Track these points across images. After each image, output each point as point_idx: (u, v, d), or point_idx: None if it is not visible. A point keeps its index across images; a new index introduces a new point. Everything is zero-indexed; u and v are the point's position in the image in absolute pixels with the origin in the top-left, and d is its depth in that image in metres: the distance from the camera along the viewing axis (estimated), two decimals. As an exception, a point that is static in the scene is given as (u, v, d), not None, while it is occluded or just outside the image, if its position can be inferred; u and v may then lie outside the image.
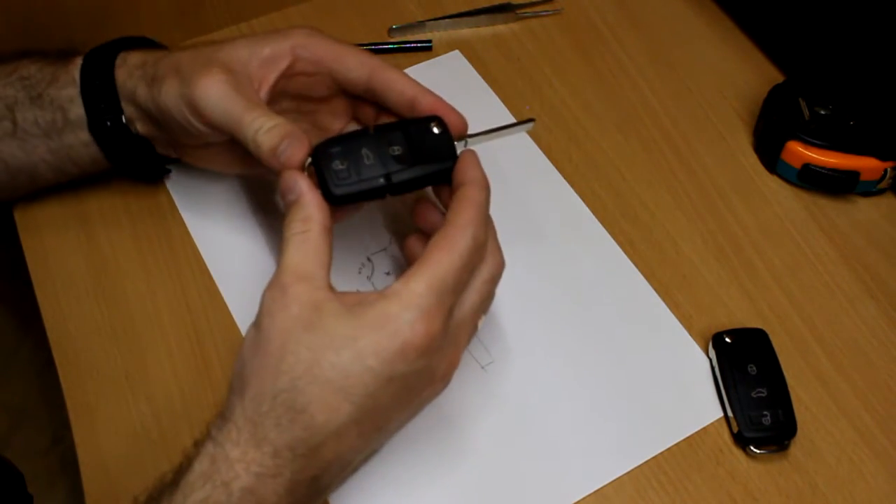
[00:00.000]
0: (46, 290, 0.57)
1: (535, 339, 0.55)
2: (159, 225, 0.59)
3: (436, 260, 0.41)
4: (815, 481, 0.50)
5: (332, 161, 0.44)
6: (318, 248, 0.43)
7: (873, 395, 0.53)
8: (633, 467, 0.50)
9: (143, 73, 0.52)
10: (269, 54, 0.50)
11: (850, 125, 0.60)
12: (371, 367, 0.40)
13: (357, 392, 0.40)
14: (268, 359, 0.41)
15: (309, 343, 0.40)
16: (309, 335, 0.40)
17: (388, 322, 0.40)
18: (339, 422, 0.40)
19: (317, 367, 0.40)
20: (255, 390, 0.41)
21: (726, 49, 0.70)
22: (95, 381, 0.53)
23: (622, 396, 0.53)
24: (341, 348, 0.40)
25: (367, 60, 0.50)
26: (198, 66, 0.49)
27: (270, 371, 0.40)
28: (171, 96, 0.49)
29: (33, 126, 0.53)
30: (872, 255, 0.59)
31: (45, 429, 0.97)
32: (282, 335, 0.41)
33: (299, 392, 0.40)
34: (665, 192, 0.62)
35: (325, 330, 0.40)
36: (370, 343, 0.40)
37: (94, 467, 0.50)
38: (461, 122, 0.49)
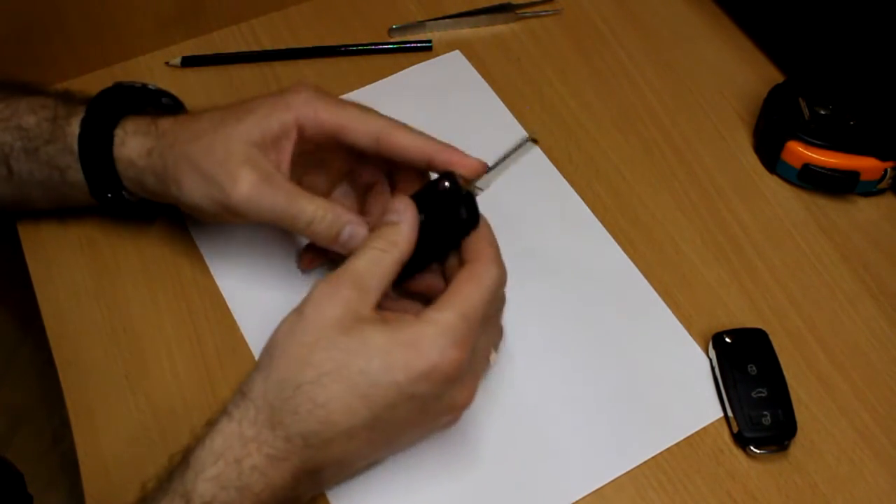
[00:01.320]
0: (46, 291, 0.57)
1: (535, 338, 0.55)
2: (159, 225, 0.59)
3: (466, 293, 0.43)
4: (815, 481, 0.50)
5: None
6: (387, 271, 0.44)
7: (873, 395, 0.53)
8: (633, 467, 0.50)
9: (148, 164, 0.51)
10: (279, 130, 0.50)
11: (850, 125, 0.60)
12: (397, 382, 0.41)
13: (378, 401, 0.41)
14: (301, 349, 0.42)
15: (344, 345, 0.42)
16: (345, 338, 0.42)
17: (422, 343, 0.42)
18: (353, 424, 0.41)
19: (346, 368, 0.41)
20: (282, 375, 0.42)
21: (726, 49, 0.70)
22: (95, 381, 0.53)
23: (622, 396, 0.52)
24: (373, 357, 0.41)
25: (373, 127, 0.50)
26: (220, 167, 0.48)
27: (300, 361, 0.42)
28: (200, 197, 0.49)
29: (29, 175, 0.53)
30: (872, 255, 0.59)
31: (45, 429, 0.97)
32: (320, 330, 0.42)
33: (323, 387, 0.41)
34: (665, 192, 0.62)
35: (362, 338, 0.42)
36: (401, 359, 0.41)
37: (94, 467, 0.50)
38: (478, 167, 0.49)
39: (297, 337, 0.42)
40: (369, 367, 0.41)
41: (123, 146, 0.51)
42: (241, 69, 0.68)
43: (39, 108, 0.53)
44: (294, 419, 0.41)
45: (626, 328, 0.55)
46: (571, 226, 0.60)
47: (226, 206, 0.49)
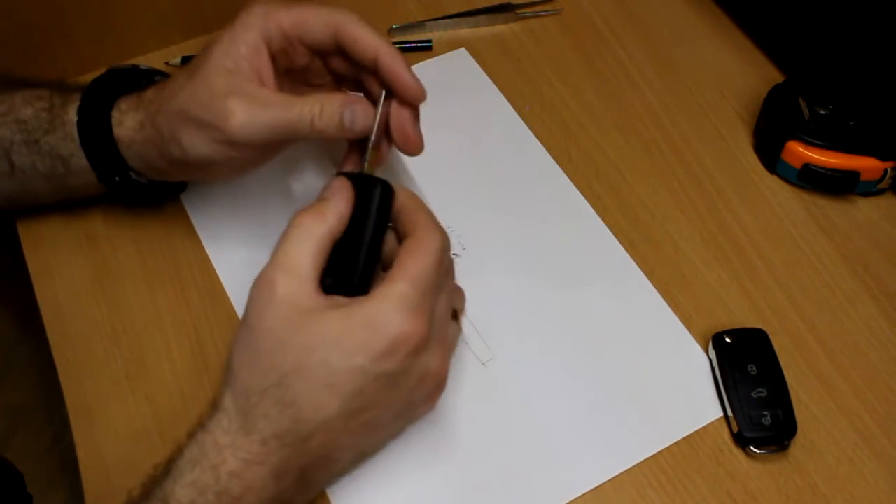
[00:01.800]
0: (46, 290, 0.57)
1: (535, 336, 0.55)
2: (159, 224, 0.59)
3: (413, 261, 0.43)
4: (815, 481, 0.50)
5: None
6: (317, 246, 0.43)
7: (873, 395, 0.53)
8: (633, 465, 0.50)
9: (145, 136, 0.51)
10: (248, 51, 0.49)
11: (850, 125, 0.60)
12: (360, 365, 0.41)
13: (345, 389, 0.41)
14: (256, 356, 0.42)
15: (298, 342, 0.41)
16: (298, 336, 0.41)
17: (377, 321, 0.41)
18: (326, 416, 0.41)
19: (305, 366, 0.41)
20: (245, 383, 0.42)
21: (726, 49, 0.70)
22: (95, 381, 0.53)
23: (622, 395, 0.53)
24: (330, 347, 0.41)
25: (330, 19, 0.49)
26: (208, 108, 0.48)
27: (259, 368, 0.42)
28: (202, 145, 0.49)
29: (32, 168, 0.53)
30: (872, 255, 0.59)
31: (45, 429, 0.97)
32: (270, 334, 0.42)
33: (287, 388, 0.41)
34: (665, 192, 0.62)
35: (315, 331, 0.41)
36: (359, 342, 0.41)
37: (94, 467, 0.50)
38: (417, 91, 0.49)
39: (251, 345, 0.42)
40: (329, 357, 0.41)
41: (121, 126, 0.51)
42: (241, 69, 0.68)
43: (35, 99, 0.53)
44: (266, 422, 0.41)
45: (626, 328, 0.55)
46: (573, 224, 0.60)
47: (228, 141, 0.48)
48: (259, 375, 0.42)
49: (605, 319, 0.56)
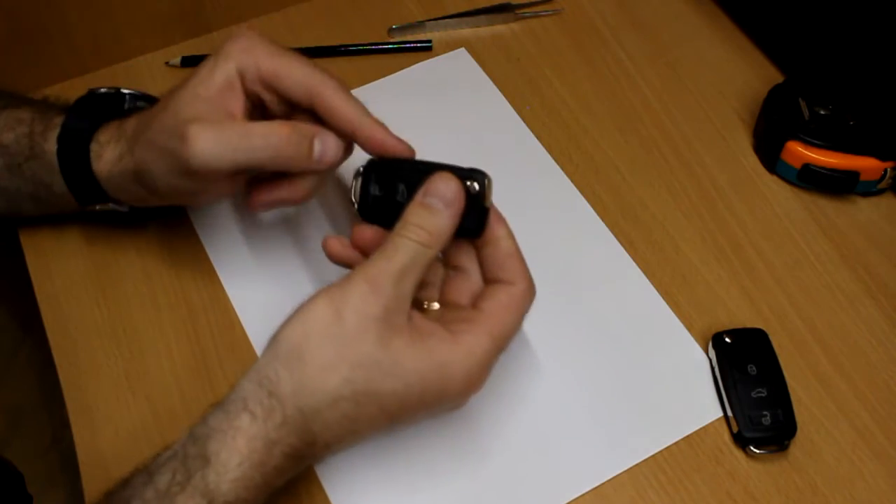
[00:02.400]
0: (46, 291, 0.57)
1: (535, 336, 0.55)
2: (159, 224, 0.59)
3: (507, 318, 0.43)
4: (815, 481, 0.50)
5: (370, 184, 0.46)
6: (423, 270, 0.42)
7: (873, 395, 0.53)
8: (632, 465, 0.50)
9: (122, 169, 0.50)
10: (222, 82, 0.47)
11: (850, 125, 0.60)
12: (425, 403, 0.42)
13: (403, 416, 0.42)
14: (338, 359, 0.40)
15: (381, 364, 0.41)
16: (382, 354, 0.41)
17: (455, 370, 0.41)
18: (375, 432, 0.42)
19: (380, 389, 0.41)
20: (316, 384, 0.40)
21: (726, 49, 0.70)
22: (95, 381, 0.53)
23: (622, 395, 0.53)
24: (408, 383, 0.41)
25: (309, 81, 0.48)
26: (170, 135, 0.46)
27: (337, 373, 0.40)
28: (166, 175, 0.47)
29: (17, 191, 0.53)
30: (872, 255, 0.59)
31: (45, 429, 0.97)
32: (358, 340, 0.40)
33: (358, 405, 0.41)
34: (665, 192, 0.62)
35: (396, 357, 0.41)
36: (434, 387, 0.41)
37: (94, 467, 0.50)
38: (406, 151, 0.48)
39: (333, 343, 0.40)
40: (404, 392, 0.41)
41: (100, 160, 0.51)
42: (241, 69, 0.68)
43: (16, 123, 0.52)
44: (323, 428, 0.41)
45: (626, 328, 0.55)
46: (573, 224, 0.60)
47: (187, 169, 0.46)
48: (336, 382, 0.40)
49: (605, 319, 0.56)
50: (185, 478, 0.40)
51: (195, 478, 0.39)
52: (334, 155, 0.48)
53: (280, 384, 0.40)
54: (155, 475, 0.40)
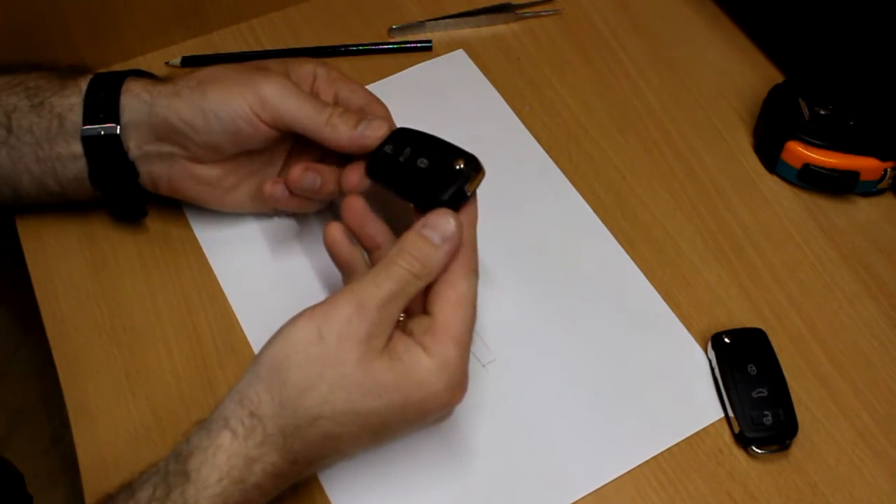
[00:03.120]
0: (46, 291, 0.57)
1: (535, 337, 0.55)
2: (159, 224, 0.59)
3: (459, 320, 0.43)
4: (815, 481, 0.50)
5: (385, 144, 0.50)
6: (409, 299, 0.43)
7: (873, 395, 0.53)
8: (633, 467, 0.50)
9: (161, 90, 0.52)
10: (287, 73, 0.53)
11: (850, 125, 0.60)
12: (408, 420, 0.43)
13: (387, 433, 0.43)
14: (318, 380, 0.41)
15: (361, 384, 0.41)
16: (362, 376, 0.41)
17: (432, 385, 0.42)
18: (358, 448, 0.44)
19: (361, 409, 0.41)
20: (296, 403, 0.41)
21: (726, 49, 0.70)
22: (95, 381, 0.53)
23: (622, 396, 0.53)
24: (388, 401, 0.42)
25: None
26: (251, 75, 0.51)
27: (317, 393, 0.41)
28: (226, 99, 0.50)
29: (27, 133, 0.53)
30: (872, 255, 0.59)
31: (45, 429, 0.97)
32: (339, 362, 0.41)
33: (339, 425, 0.41)
34: (665, 192, 0.62)
35: (375, 377, 0.41)
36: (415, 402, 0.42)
37: (94, 467, 0.50)
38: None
39: (314, 363, 0.41)
40: (386, 410, 0.42)
41: (136, 84, 0.52)
42: (241, 69, 0.68)
43: (50, 72, 0.54)
44: (304, 447, 0.41)
45: (626, 328, 0.55)
46: (573, 225, 0.60)
47: (258, 98, 0.50)
48: (316, 401, 0.41)
49: (605, 320, 0.56)
50: (164, 493, 0.40)
51: (174, 493, 0.40)
52: (376, 133, 0.50)
53: (261, 404, 0.41)
54: (137, 491, 0.41)
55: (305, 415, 0.41)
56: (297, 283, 0.56)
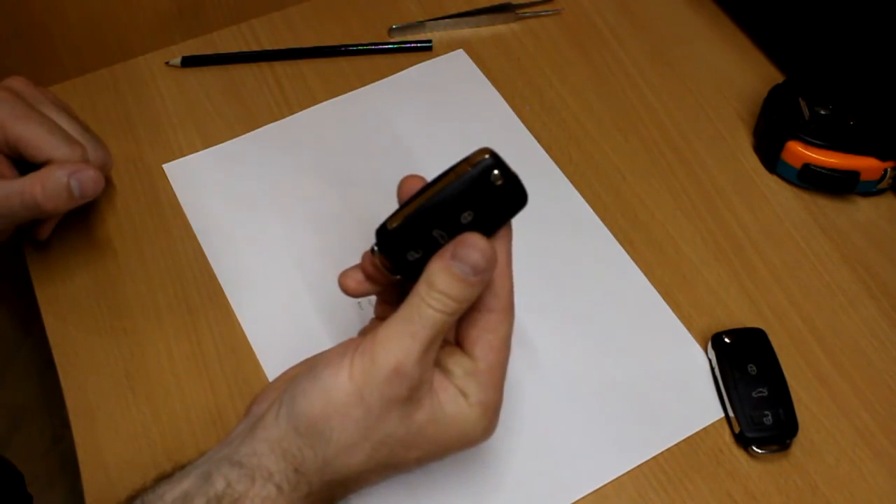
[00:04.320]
0: (46, 290, 0.57)
1: (535, 337, 0.55)
2: (160, 224, 0.60)
3: (500, 365, 0.42)
4: (815, 481, 0.50)
5: (405, 253, 0.41)
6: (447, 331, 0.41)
7: (873, 395, 0.53)
8: (633, 467, 0.50)
9: None
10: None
11: (850, 125, 0.60)
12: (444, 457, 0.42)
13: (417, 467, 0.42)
14: (360, 437, 0.40)
15: (403, 438, 0.40)
16: (404, 429, 0.40)
17: (472, 431, 0.42)
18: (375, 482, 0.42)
19: (403, 460, 0.41)
20: (342, 460, 0.40)
21: (726, 49, 0.70)
22: (95, 381, 0.53)
23: (622, 396, 0.52)
24: (430, 450, 0.41)
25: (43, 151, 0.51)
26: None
27: (361, 451, 0.40)
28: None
29: None
30: (872, 255, 0.59)
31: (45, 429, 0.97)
32: (381, 419, 0.40)
33: (379, 475, 0.41)
34: (665, 192, 0.62)
35: (415, 427, 0.40)
36: (455, 447, 0.42)
37: (94, 467, 0.50)
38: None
39: (357, 424, 0.39)
40: (428, 457, 0.42)
41: None
42: (241, 69, 0.68)
43: None
44: (346, 492, 0.42)
45: (626, 328, 0.55)
46: (573, 224, 0.60)
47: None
48: (360, 459, 0.40)
49: (605, 320, 0.56)
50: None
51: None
52: (95, 184, 0.51)
53: (305, 462, 0.40)
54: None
55: (351, 471, 0.40)
56: (296, 284, 0.56)
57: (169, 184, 0.62)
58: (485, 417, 0.41)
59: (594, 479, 0.50)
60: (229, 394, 0.53)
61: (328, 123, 0.65)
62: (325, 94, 0.67)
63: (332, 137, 0.64)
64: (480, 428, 0.42)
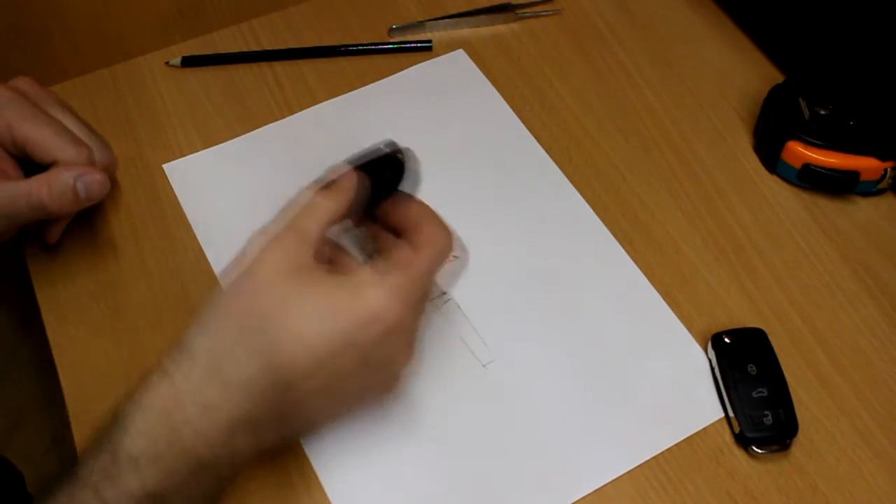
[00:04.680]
0: (46, 291, 0.57)
1: (535, 337, 0.55)
2: (160, 224, 0.59)
3: (420, 259, 0.44)
4: (815, 481, 0.50)
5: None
6: (323, 219, 0.44)
7: (873, 395, 0.53)
8: (633, 467, 0.50)
9: None
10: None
11: (850, 125, 0.60)
12: (341, 328, 0.42)
13: (320, 348, 0.41)
14: (245, 299, 0.42)
15: (288, 291, 0.42)
16: (289, 285, 0.42)
17: (366, 292, 0.42)
18: (294, 370, 0.41)
19: (290, 314, 0.41)
20: (223, 324, 0.42)
21: (726, 49, 0.70)
22: (95, 381, 0.53)
23: (622, 396, 0.52)
24: (318, 303, 0.42)
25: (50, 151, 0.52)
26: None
27: (243, 310, 0.42)
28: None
29: None
30: (872, 255, 0.59)
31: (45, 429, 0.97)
32: (264, 281, 0.42)
33: (265, 333, 0.41)
34: (665, 192, 0.62)
35: (306, 283, 0.42)
36: (345, 305, 0.42)
37: (95, 467, 0.50)
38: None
39: (242, 289, 0.42)
40: (315, 312, 0.41)
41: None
42: (241, 69, 0.68)
43: None
44: (233, 367, 0.41)
45: (626, 328, 0.55)
46: (573, 225, 0.60)
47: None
48: (243, 317, 0.42)
49: (605, 320, 0.56)
50: (96, 442, 0.41)
51: (103, 440, 0.41)
52: (100, 189, 0.52)
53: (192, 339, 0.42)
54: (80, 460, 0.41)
55: (233, 331, 0.42)
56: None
57: (169, 184, 0.62)
58: (387, 291, 0.42)
59: (594, 479, 0.50)
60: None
61: (329, 123, 0.65)
62: (325, 94, 0.67)
63: (333, 137, 0.64)
64: (380, 297, 0.42)
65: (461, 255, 0.54)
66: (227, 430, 0.41)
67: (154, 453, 0.40)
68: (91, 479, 0.39)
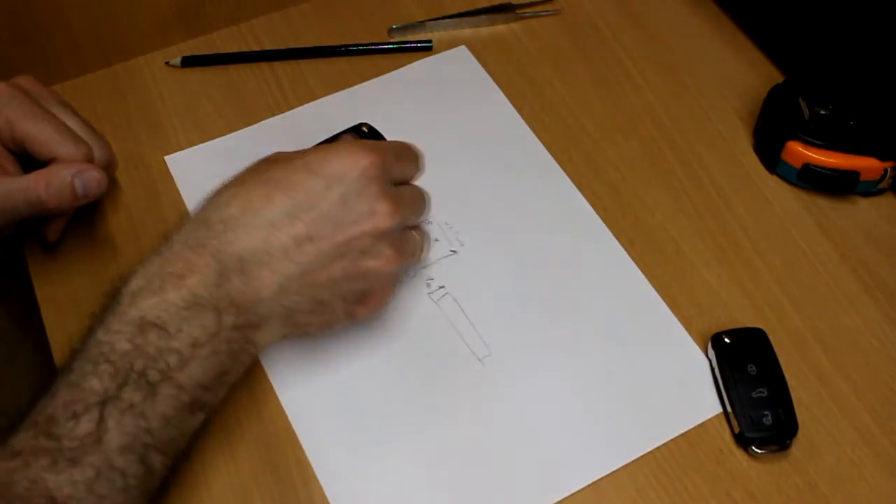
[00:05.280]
0: (47, 291, 0.57)
1: (533, 334, 0.55)
2: (160, 224, 0.59)
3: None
4: (815, 481, 0.50)
5: None
6: None
7: (873, 395, 0.53)
8: (630, 461, 0.50)
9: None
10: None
11: (850, 125, 0.60)
12: (312, 169, 0.46)
13: (297, 187, 0.45)
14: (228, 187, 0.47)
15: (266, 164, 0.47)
16: (267, 162, 0.47)
17: (335, 146, 0.47)
18: (274, 212, 0.45)
19: (265, 172, 0.47)
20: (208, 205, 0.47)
21: (726, 49, 0.70)
22: (95, 380, 0.53)
23: (621, 396, 0.52)
24: (291, 159, 0.47)
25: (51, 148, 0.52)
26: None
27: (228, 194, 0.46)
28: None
29: None
30: (872, 255, 0.59)
31: (45, 429, 0.97)
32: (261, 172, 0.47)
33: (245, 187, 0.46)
34: (665, 191, 0.62)
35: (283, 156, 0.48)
36: (318, 154, 0.47)
37: (94, 467, 0.50)
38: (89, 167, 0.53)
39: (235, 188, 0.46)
40: (287, 166, 0.46)
41: None
42: (241, 69, 0.68)
43: None
44: (215, 213, 0.45)
45: (625, 328, 0.55)
46: (573, 223, 0.60)
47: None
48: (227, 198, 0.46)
49: (604, 319, 0.55)
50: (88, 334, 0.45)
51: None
52: (98, 184, 0.52)
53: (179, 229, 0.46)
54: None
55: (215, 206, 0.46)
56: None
57: (169, 183, 0.62)
58: (352, 145, 0.47)
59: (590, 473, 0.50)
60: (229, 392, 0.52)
61: (331, 117, 0.65)
62: (325, 93, 0.67)
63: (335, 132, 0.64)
64: (348, 148, 0.47)
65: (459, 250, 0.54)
66: (215, 265, 0.44)
67: (149, 287, 0.43)
68: (99, 316, 0.44)
